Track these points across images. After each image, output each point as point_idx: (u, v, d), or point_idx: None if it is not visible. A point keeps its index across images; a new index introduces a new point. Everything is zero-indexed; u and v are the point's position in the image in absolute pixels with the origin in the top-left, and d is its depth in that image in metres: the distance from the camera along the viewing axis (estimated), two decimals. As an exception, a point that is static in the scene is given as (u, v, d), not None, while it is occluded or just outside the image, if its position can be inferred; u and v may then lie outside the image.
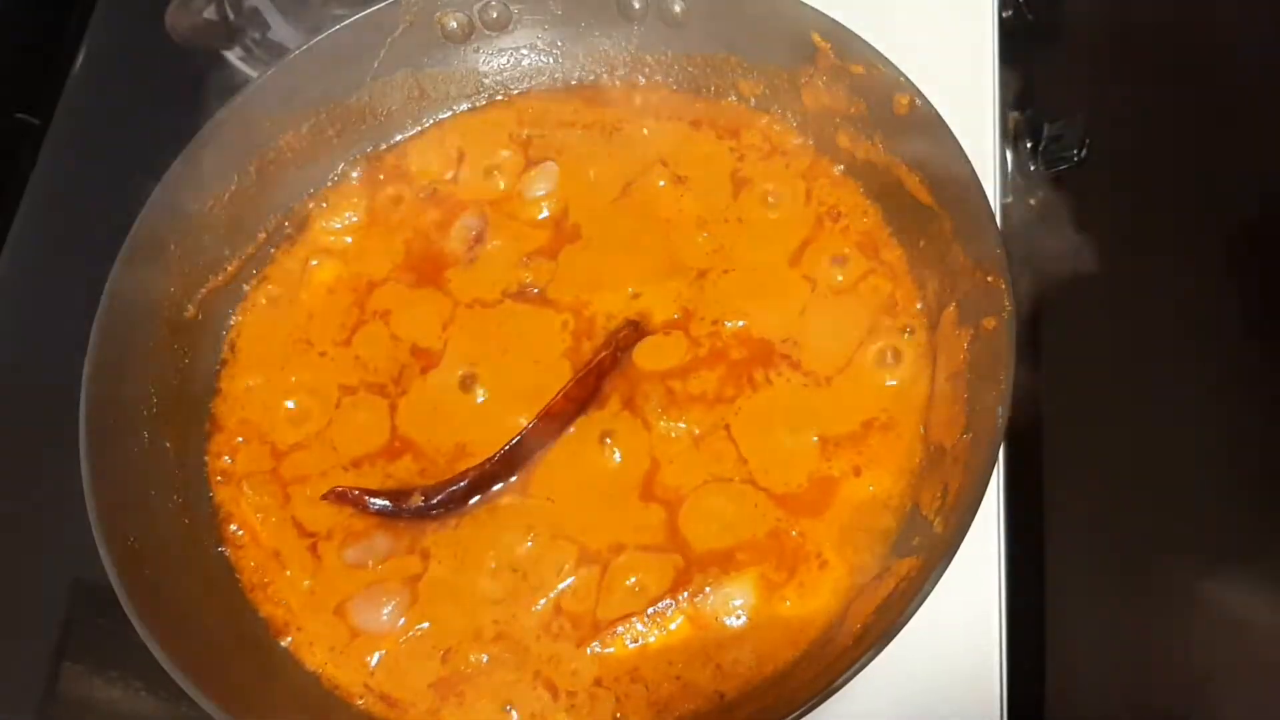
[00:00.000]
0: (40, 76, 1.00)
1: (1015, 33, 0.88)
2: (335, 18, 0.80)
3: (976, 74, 0.85)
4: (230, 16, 0.90)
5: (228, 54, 0.92)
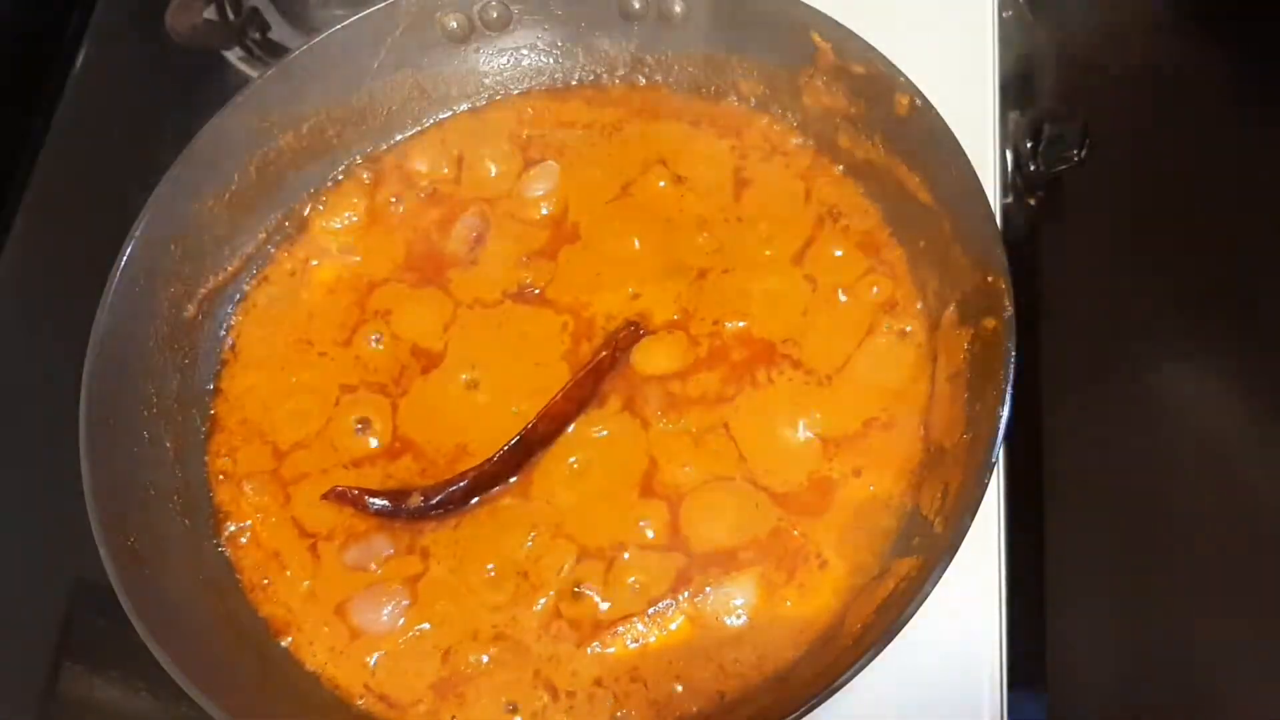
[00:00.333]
0: (40, 76, 1.00)
1: (1015, 33, 0.88)
2: (335, 18, 0.80)
3: (977, 74, 0.85)
4: (230, 16, 0.90)
5: (228, 54, 0.92)
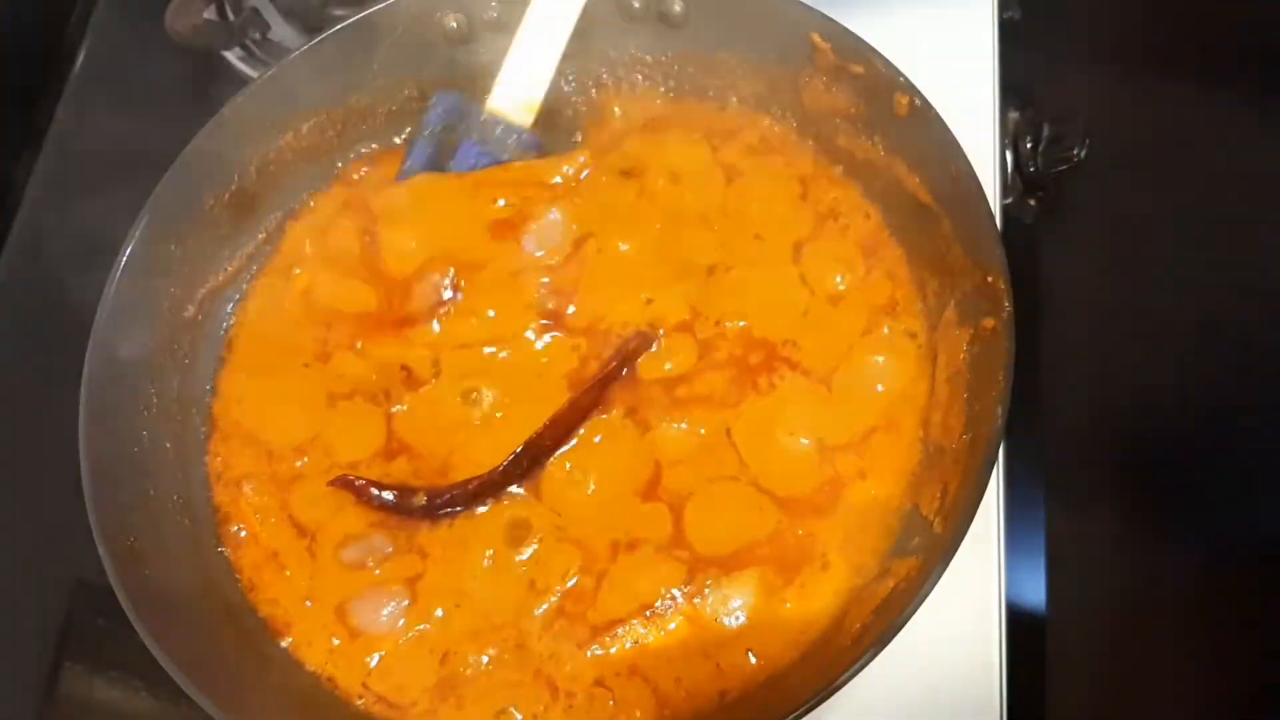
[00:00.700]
0: (40, 76, 1.00)
1: (1015, 33, 0.88)
2: (335, 18, 0.80)
3: (976, 74, 0.85)
4: (230, 16, 0.90)
5: (228, 54, 0.92)
